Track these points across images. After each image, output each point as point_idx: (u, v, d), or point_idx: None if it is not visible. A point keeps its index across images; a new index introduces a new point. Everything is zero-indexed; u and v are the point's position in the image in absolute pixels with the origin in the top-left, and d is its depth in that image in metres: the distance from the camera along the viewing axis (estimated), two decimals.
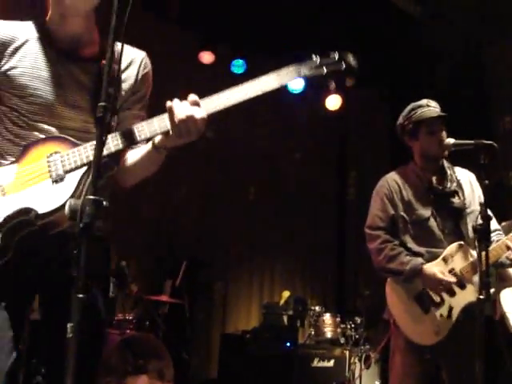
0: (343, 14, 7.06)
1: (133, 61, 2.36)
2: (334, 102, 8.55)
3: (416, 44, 7.41)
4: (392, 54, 7.70)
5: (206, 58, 7.79)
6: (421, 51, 7.46)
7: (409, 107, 3.81)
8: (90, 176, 1.73)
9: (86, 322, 1.62)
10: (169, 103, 2.05)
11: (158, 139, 2.14)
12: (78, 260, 1.67)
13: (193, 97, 2.07)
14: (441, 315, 3.48)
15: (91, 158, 2.04)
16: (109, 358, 5.14)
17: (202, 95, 2.12)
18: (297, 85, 7.95)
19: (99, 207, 1.68)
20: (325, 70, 2.18)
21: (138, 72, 2.36)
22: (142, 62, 2.38)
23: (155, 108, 2.21)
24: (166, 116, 2.08)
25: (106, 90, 1.77)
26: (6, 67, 2.21)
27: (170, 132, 2.07)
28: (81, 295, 1.62)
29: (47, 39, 2.27)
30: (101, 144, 1.72)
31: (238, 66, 8.05)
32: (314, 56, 2.20)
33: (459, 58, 7.10)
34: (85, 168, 2.08)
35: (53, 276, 2.16)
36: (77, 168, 2.07)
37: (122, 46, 1.89)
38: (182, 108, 2.03)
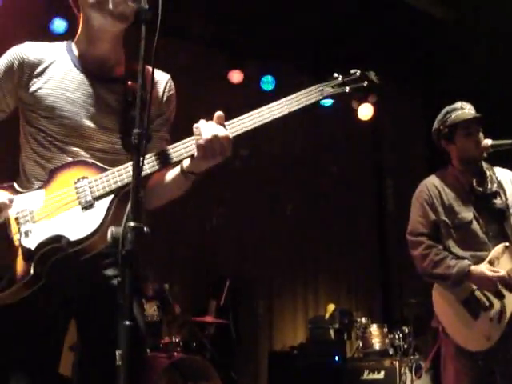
0: (369, 26, 7.04)
1: (157, 82, 2.35)
2: (365, 111, 8.50)
3: (444, 46, 7.36)
4: (422, 58, 7.65)
5: (236, 77, 7.82)
6: (450, 53, 7.40)
7: (443, 111, 3.77)
8: (129, 203, 1.73)
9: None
10: (196, 125, 2.05)
11: (185, 164, 2.14)
12: (123, 287, 1.68)
13: (219, 114, 2.07)
14: (491, 320, 3.41)
15: (119, 183, 2.05)
16: (158, 382, 5.15)
17: (232, 115, 2.11)
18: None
19: (141, 234, 1.69)
20: (347, 89, 2.19)
21: (163, 94, 2.36)
22: (166, 84, 2.38)
23: (185, 130, 2.19)
24: (191, 139, 2.07)
25: (140, 116, 1.77)
26: (33, 88, 2.22)
27: (195, 153, 2.06)
28: (128, 322, 1.63)
29: (75, 60, 2.28)
30: (138, 170, 1.72)
31: (268, 83, 8.05)
32: (336, 74, 2.21)
33: (489, 58, 7.01)
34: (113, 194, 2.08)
35: (88, 299, 2.17)
36: (106, 194, 2.06)
37: (153, 70, 1.89)
38: (208, 127, 2.03)
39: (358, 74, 2.22)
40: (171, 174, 2.24)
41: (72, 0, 2.28)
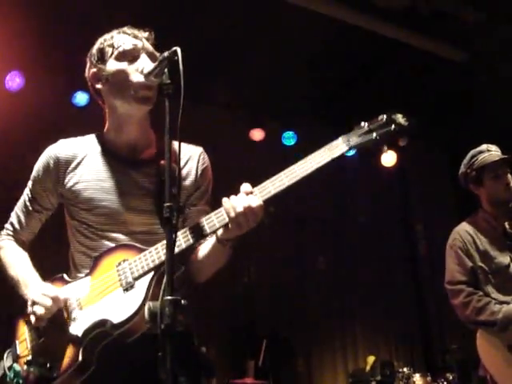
0: (389, 75, 7.09)
1: (191, 157, 2.40)
2: (388, 158, 8.48)
3: (464, 89, 7.36)
4: (441, 101, 7.67)
5: (257, 135, 7.86)
6: (471, 96, 7.40)
7: (469, 155, 3.76)
8: (165, 277, 1.74)
9: None
10: (225, 199, 2.06)
11: (220, 233, 2.14)
12: (164, 362, 1.67)
13: (246, 186, 2.07)
14: None
15: (157, 261, 2.08)
16: None
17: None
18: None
19: (178, 306, 1.69)
20: (374, 135, 2.07)
21: (197, 167, 2.40)
22: (199, 157, 2.42)
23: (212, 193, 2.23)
24: (223, 209, 2.08)
25: (170, 191, 1.79)
26: (70, 184, 2.31)
27: (229, 225, 2.06)
28: None
29: (106, 150, 2.36)
30: (171, 244, 1.73)
31: (289, 138, 8.07)
32: (362, 123, 2.11)
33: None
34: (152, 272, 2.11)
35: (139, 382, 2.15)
36: (145, 273, 2.09)
37: (180, 144, 1.91)
38: (239, 201, 2.03)
39: (384, 118, 2.10)
40: (209, 245, 2.25)
41: (96, 93, 2.37)
